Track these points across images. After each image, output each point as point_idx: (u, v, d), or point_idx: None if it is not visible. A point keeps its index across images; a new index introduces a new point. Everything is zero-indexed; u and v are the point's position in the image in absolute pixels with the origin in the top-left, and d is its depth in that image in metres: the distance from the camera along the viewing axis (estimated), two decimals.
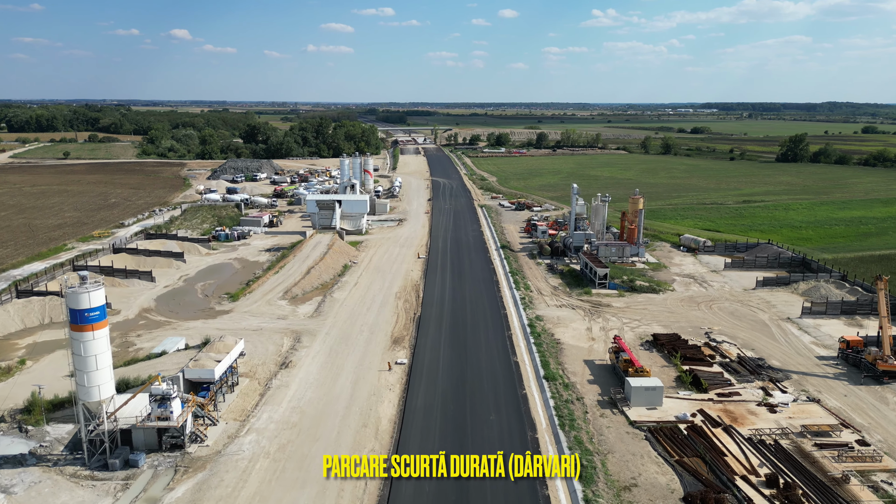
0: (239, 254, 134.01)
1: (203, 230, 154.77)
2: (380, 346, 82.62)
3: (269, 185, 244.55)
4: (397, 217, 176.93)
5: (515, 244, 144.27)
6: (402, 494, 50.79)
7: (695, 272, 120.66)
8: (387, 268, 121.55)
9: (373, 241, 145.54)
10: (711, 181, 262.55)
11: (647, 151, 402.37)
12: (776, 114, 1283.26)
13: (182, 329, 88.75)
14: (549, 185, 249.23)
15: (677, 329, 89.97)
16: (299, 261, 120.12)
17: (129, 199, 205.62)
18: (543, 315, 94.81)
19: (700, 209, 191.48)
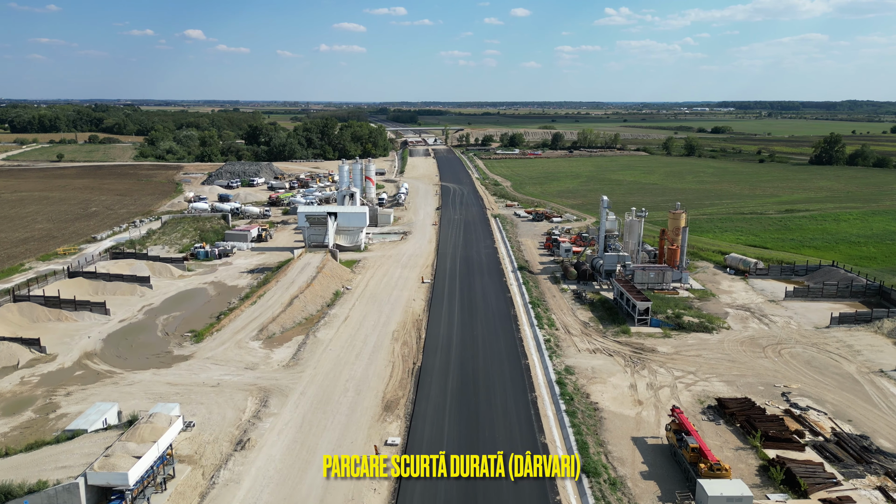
0: (217, 276, 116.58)
1: (182, 246, 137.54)
2: (367, 414, 64.50)
3: (266, 191, 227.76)
4: (401, 230, 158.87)
5: (535, 264, 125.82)
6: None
7: (750, 302, 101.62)
8: (385, 296, 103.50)
9: (371, 261, 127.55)
10: (744, 186, 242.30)
11: (670, 153, 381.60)
12: (796, 112, 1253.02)
13: (124, 385, 71.23)
14: (568, 191, 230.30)
15: (744, 386, 71.33)
16: (282, 288, 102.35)
17: (111, 207, 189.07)
18: (574, 365, 76.39)
19: (739, 220, 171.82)
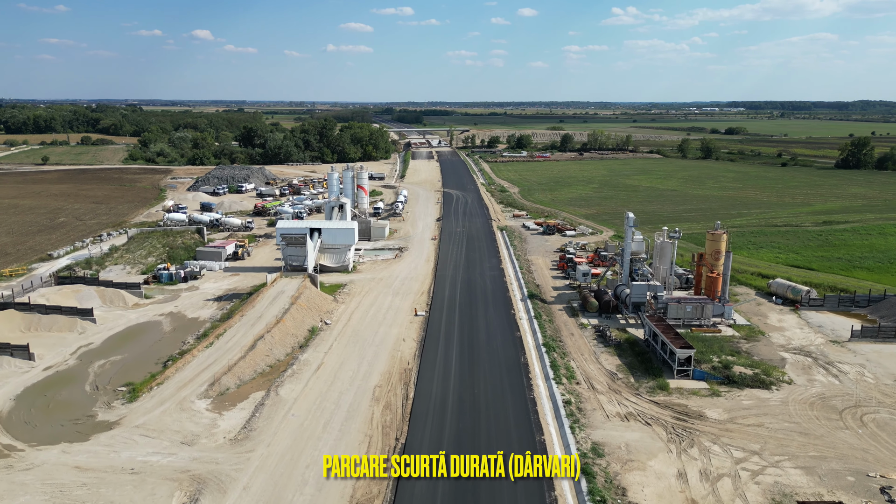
0: (178, 305, 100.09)
1: (146, 266, 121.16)
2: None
3: (255, 198, 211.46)
4: (397, 245, 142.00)
5: (547, 289, 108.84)
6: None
7: (808, 343, 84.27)
8: (369, 334, 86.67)
9: (359, 285, 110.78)
10: (770, 193, 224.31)
11: (685, 155, 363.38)
12: (808, 113, 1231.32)
13: (18, 471, 54.67)
14: (580, 199, 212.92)
15: (828, 475, 54.16)
16: (246, 324, 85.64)
17: (82, 217, 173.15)
18: (603, 442, 59.39)
19: (773, 234, 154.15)
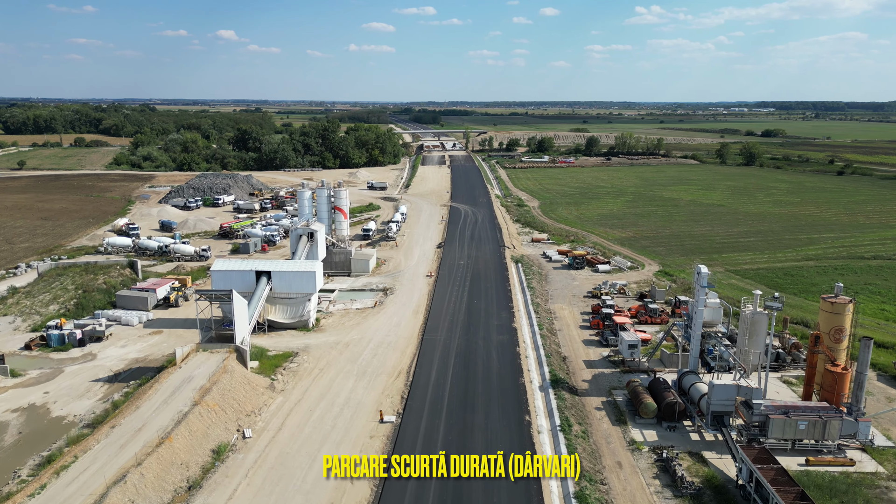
0: (51, 390, 70.18)
1: (43, 318, 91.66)
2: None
3: (231, 213, 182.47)
4: (381, 284, 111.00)
5: (577, 364, 77.31)
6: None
7: None
8: (301, 465, 55.62)
9: (315, 354, 79.95)
10: (837, 210, 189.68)
11: (724, 161, 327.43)
12: (843, 113, 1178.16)
13: None
14: (611, 216, 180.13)
15: None
16: (116, 443, 55.20)
17: (13, 239, 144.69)
18: None
19: (864, 271, 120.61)
